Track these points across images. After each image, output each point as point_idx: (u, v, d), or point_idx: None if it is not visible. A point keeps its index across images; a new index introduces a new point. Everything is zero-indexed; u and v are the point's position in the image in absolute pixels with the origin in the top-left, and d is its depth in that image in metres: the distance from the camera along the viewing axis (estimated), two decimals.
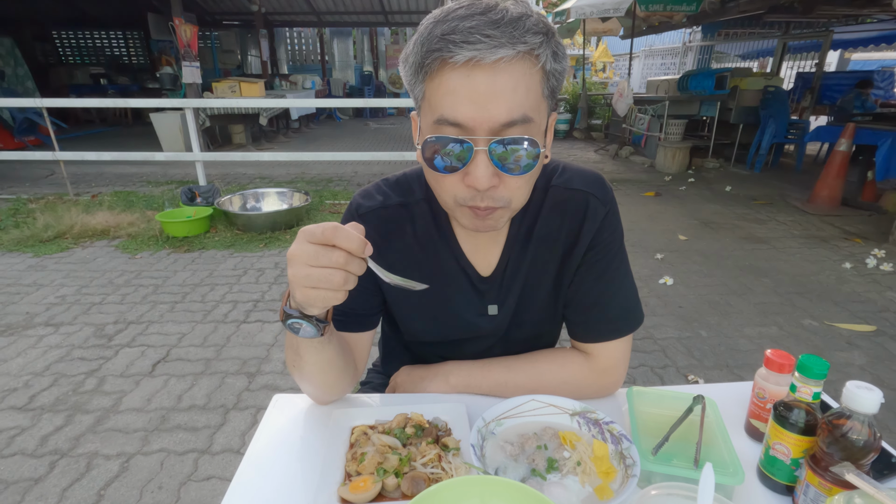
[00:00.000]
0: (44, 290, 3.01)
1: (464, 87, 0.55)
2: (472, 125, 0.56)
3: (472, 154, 0.57)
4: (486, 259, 0.78)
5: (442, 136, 0.57)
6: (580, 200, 0.76)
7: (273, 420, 0.77)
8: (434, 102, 0.57)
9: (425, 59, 0.56)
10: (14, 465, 1.68)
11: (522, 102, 0.56)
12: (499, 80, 0.54)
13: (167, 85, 9.59)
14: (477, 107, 0.55)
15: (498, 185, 0.60)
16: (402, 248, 0.77)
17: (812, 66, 9.07)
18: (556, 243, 0.77)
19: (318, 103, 8.72)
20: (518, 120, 0.56)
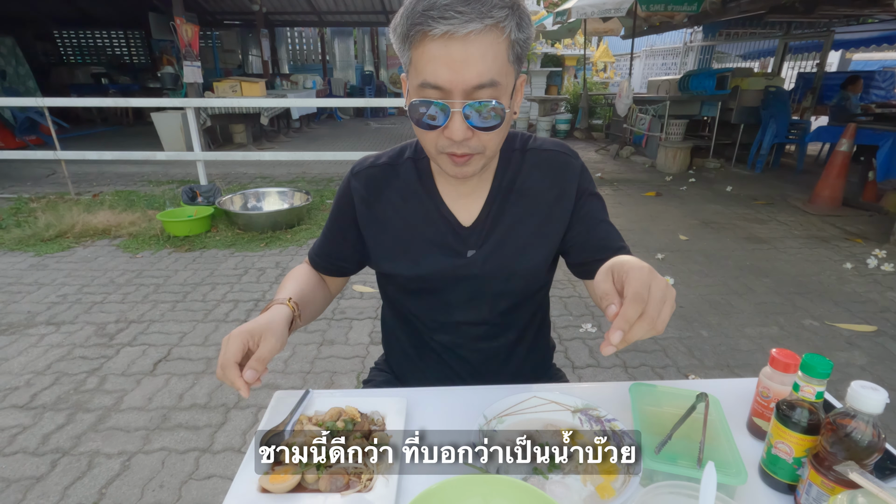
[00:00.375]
0: (45, 289, 3.01)
1: (442, 56, 0.65)
2: (449, 87, 0.66)
3: (450, 114, 0.68)
4: (468, 210, 0.88)
5: (425, 99, 0.69)
6: (555, 158, 0.89)
7: (274, 418, 0.77)
8: (419, 68, 0.68)
9: (409, 30, 0.66)
10: (16, 463, 1.68)
11: (490, 68, 0.66)
12: (470, 49, 0.64)
13: (168, 84, 9.59)
14: (453, 72, 0.65)
15: (471, 137, 0.71)
16: (387, 199, 0.89)
17: (813, 66, 9.06)
18: (541, 196, 0.88)
19: (318, 103, 8.73)
20: (487, 83, 0.66)
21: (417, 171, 0.88)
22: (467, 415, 0.77)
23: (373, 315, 2.74)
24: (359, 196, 0.89)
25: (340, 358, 2.35)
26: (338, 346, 2.45)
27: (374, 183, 0.89)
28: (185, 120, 5.51)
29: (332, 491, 0.63)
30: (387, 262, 0.91)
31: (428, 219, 0.88)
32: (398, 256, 0.89)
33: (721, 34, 10.29)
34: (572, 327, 2.64)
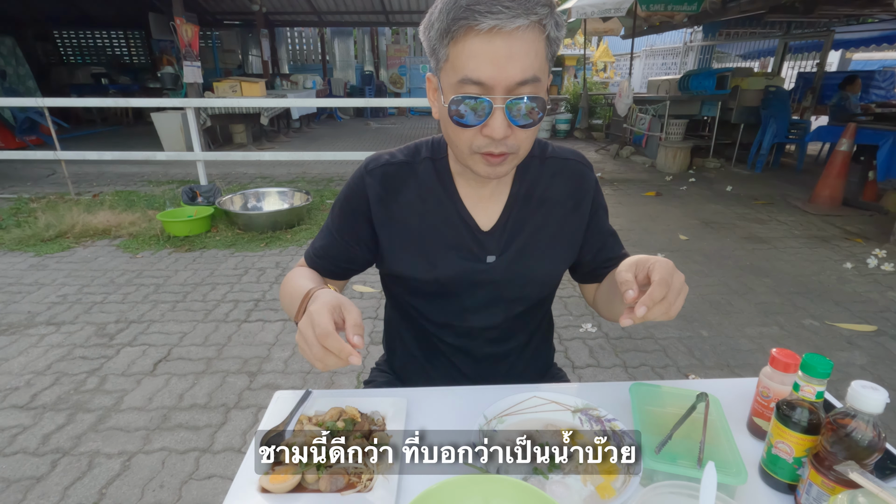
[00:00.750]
0: (45, 290, 3.01)
1: (485, 51, 0.64)
2: (491, 83, 0.65)
3: (491, 111, 0.67)
4: (487, 214, 0.87)
5: (467, 94, 0.67)
6: (574, 168, 0.90)
7: (274, 418, 0.77)
8: (458, 64, 0.66)
9: (451, 25, 0.64)
10: (16, 463, 1.68)
11: (533, 64, 0.66)
12: (515, 45, 0.64)
13: (168, 84, 9.59)
14: (496, 68, 0.64)
15: (510, 136, 0.70)
16: (405, 200, 0.86)
17: (813, 66, 9.06)
18: (560, 205, 0.88)
19: (318, 103, 8.73)
20: (530, 79, 0.66)
21: (436, 172, 0.86)
22: (467, 415, 0.77)
23: (373, 315, 2.74)
24: (374, 193, 0.85)
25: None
26: None
27: (390, 181, 0.86)
28: (185, 120, 5.51)
29: (332, 491, 0.63)
30: (401, 264, 0.88)
31: (447, 221, 0.86)
32: (415, 258, 0.87)
33: (721, 34, 10.29)
34: (572, 327, 2.64)
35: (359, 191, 0.87)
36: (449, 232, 0.86)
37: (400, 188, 0.86)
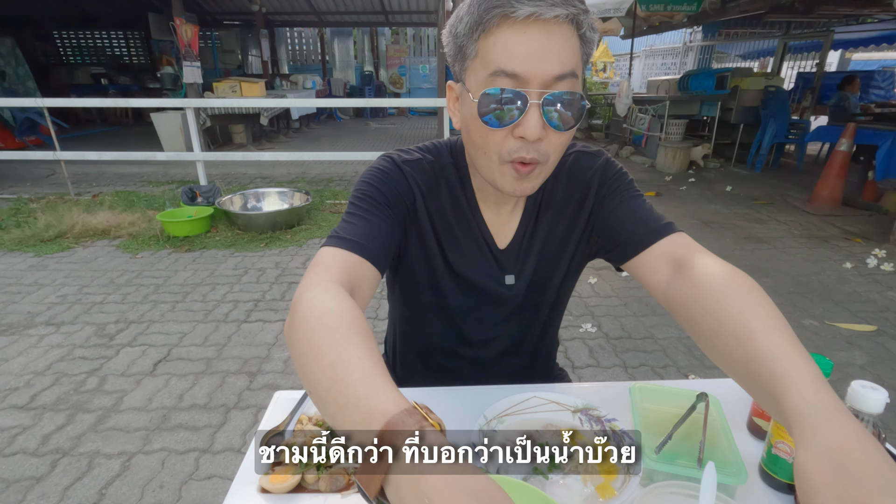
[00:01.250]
0: (45, 290, 3.01)
1: (521, 42, 0.59)
2: (527, 76, 0.60)
3: (527, 107, 0.61)
4: (504, 231, 0.82)
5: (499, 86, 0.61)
6: (575, 160, 0.82)
7: (274, 418, 0.77)
8: (490, 57, 0.61)
9: (485, 15, 0.60)
10: (16, 464, 1.68)
11: (571, 59, 0.61)
12: (552, 37, 0.59)
13: (168, 85, 9.60)
14: (532, 60, 0.59)
15: (543, 139, 0.64)
16: (439, 205, 0.79)
17: (813, 66, 9.07)
18: (566, 206, 0.82)
19: (318, 103, 8.73)
20: (568, 73, 0.61)
21: (460, 179, 0.80)
22: (467, 415, 0.77)
23: (372, 315, 2.74)
24: (416, 184, 0.77)
25: None
26: None
27: (426, 177, 0.78)
28: (185, 120, 5.50)
29: (332, 491, 0.63)
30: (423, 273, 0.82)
31: (468, 234, 0.81)
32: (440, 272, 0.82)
33: (721, 34, 10.30)
34: (572, 327, 2.64)
35: (398, 178, 0.76)
36: (472, 247, 0.81)
37: (435, 189, 0.79)
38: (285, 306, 2.84)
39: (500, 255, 0.82)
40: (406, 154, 0.79)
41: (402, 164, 0.77)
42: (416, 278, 0.84)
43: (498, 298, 0.85)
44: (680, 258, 0.68)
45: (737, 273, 0.63)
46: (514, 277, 0.84)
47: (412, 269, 0.83)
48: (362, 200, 0.73)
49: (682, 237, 0.72)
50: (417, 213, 0.78)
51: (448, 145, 0.82)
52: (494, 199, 0.79)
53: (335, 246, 0.66)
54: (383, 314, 2.73)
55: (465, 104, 0.67)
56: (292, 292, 3.00)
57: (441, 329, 0.90)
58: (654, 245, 0.72)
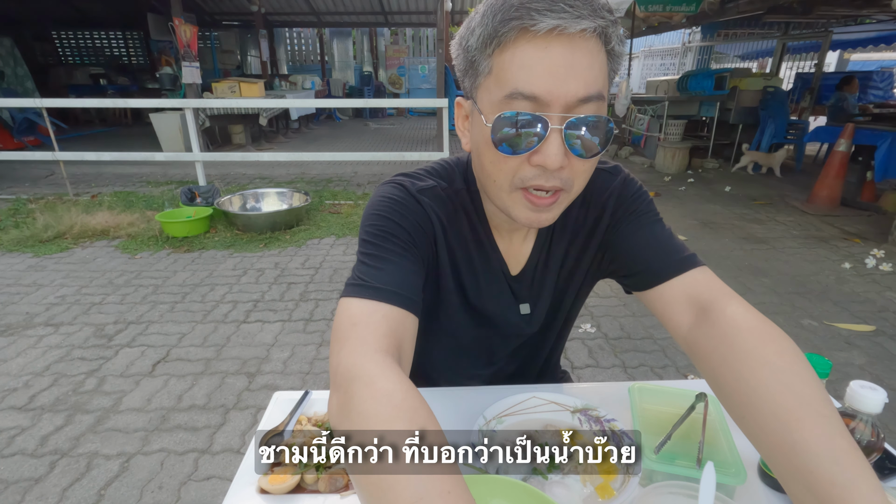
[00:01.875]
0: (44, 290, 3.01)
1: (541, 60, 0.52)
2: (548, 99, 0.53)
3: (547, 132, 0.54)
4: (517, 258, 0.77)
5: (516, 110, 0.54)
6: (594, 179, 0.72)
7: (273, 418, 0.77)
8: (506, 76, 0.54)
9: (500, 28, 0.52)
10: (14, 464, 1.68)
11: (598, 78, 0.54)
12: (577, 54, 0.52)
13: (167, 85, 9.59)
14: (555, 80, 0.52)
15: (566, 167, 0.57)
16: (458, 234, 0.73)
17: (811, 66, 9.08)
18: (580, 227, 0.76)
19: (317, 103, 8.73)
20: (594, 96, 0.54)
21: (474, 204, 0.73)
22: (467, 415, 0.77)
23: None
24: (436, 215, 0.70)
25: None
26: None
27: (444, 207, 0.71)
28: (184, 121, 5.50)
29: (331, 492, 0.63)
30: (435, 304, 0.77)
31: (485, 261, 0.75)
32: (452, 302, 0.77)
33: (719, 34, 10.32)
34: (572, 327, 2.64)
35: (417, 211, 0.68)
36: (489, 276, 0.76)
37: (454, 219, 0.72)
38: (284, 307, 2.83)
39: (513, 283, 0.78)
40: (418, 180, 0.71)
41: (417, 194, 0.69)
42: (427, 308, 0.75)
43: (512, 330, 0.82)
44: (705, 301, 0.61)
45: (773, 332, 0.54)
46: (528, 307, 0.80)
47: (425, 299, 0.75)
48: (384, 239, 0.64)
49: (704, 273, 0.65)
50: (438, 247, 0.71)
51: (458, 167, 0.75)
52: (507, 225, 0.73)
53: (370, 298, 0.57)
54: None
55: (476, 126, 0.60)
56: (292, 293, 3.01)
57: (448, 358, 0.87)
58: (674, 280, 0.65)
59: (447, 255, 0.73)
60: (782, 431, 0.47)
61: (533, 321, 0.81)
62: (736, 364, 0.53)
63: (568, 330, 0.92)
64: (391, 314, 0.57)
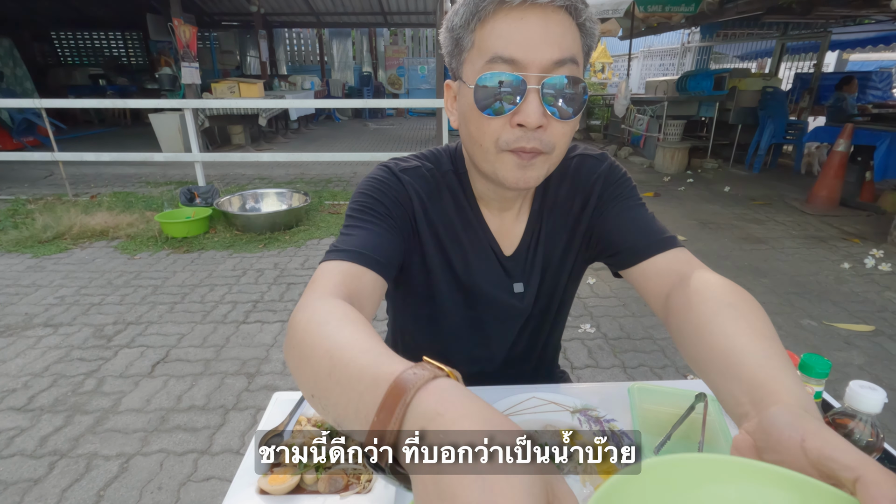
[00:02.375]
0: (43, 291, 3.01)
1: (518, 29, 0.58)
2: (525, 62, 0.58)
3: (526, 92, 0.59)
4: (510, 237, 0.80)
5: (496, 71, 0.59)
6: (579, 164, 0.80)
7: (273, 419, 0.77)
8: (486, 46, 0.60)
9: (480, 3, 0.59)
10: (13, 465, 1.68)
11: (571, 45, 0.60)
12: (550, 23, 0.58)
13: (166, 86, 9.58)
14: (530, 45, 0.58)
15: (546, 128, 0.61)
16: (442, 212, 0.76)
17: (810, 66, 9.09)
18: (569, 209, 0.80)
19: (317, 104, 8.73)
20: (567, 59, 0.59)
21: (461, 185, 0.77)
22: None
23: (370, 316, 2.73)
24: (415, 192, 0.74)
25: None
26: None
27: (426, 184, 0.76)
28: (183, 121, 5.50)
29: (331, 492, 0.63)
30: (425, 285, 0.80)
31: (477, 245, 0.78)
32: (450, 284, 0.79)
33: (718, 35, 10.32)
34: (571, 327, 2.64)
35: (397, 187, 0.73)
36: (479, 257, 0.79)
37: (436, 196, 0.76)
38: (284, 307, 2.83)
39: (507, 263, 0.80)
40: (403, 162, 0.77)
41: (399, 173, 0.74)
42: (417, 290, 0.81)
43: (506, 310, 0.83)
44: (683, 273, 0.65)
45: (740, 289, 0.59)
46: (522, 286, 0.82)
47: (413, 281, 0.79)
48: (360, 212, 0.70)
49: (684, 253, 0.70)
50: (418, 223, 0.75)
51: (447, 152, 0.80)
52: (497, 203, 0.77)
53: (332, 259, 0.63)
54: (382, 314, 2.73)
55: (462, 97, 0.65)
56: (291, 293, 3.01)
57: (443, 343, 0.88)
58: (657, 257, 0.69)
59: (430, 232, 0.76)
60: (724, 344, 0.49)
61: (526, 299, 0.82)
62: (696, 305, 0.56)
63: (563, 318, 0.93)
64: (347, 269, 0.61)
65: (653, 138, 7.10)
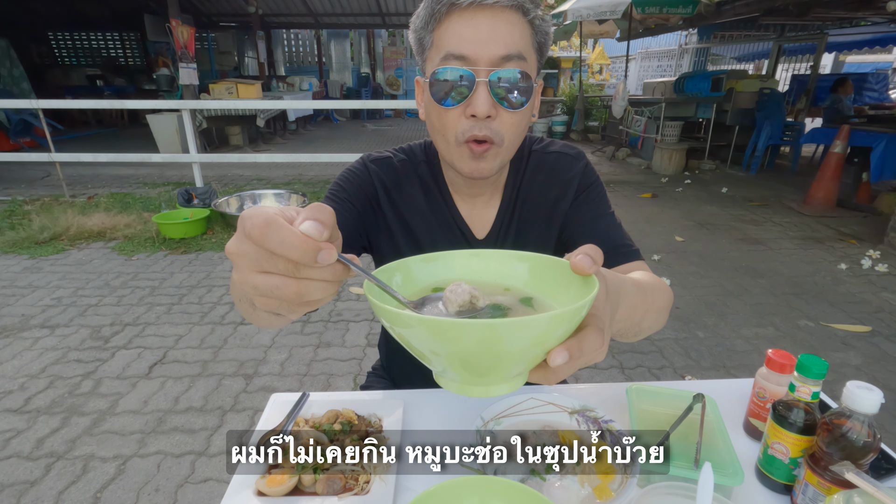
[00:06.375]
0: (39, 292, 2.99)
1: (468, 27, 0.64)
2: (474, 58, 0.64)
3: (475, 85, 0.65)
4: (481, 222, 0.85)
5: (448, 66, 0.65)
6: (557, 161, 0.86)
7: (271, 420, 0.77)
8: (441, 44, 0.66)
9: (436, 6, 0.65)
10: (9, 467, 1.67)
11: (518, 42, 0.65)
12: (497, 23, 0.64)
13: (164, 86, 9.55)
14: (479, 42, 0.64)
15: (495, 118, 0.67)
16: (409, 197, 0.84)
17: (807, 68, 9.12)
18: (541, 201, 0.85)
19: (315, 105, 8.72)
20: (514, 55, 0.65)
21: (433, 175, 0.85)
22: (465, 416, 0.77)
23: (369, 317, 2.73)
24: (380, 181, 0.83)
25: (337, 360, 2.34)
26: (334, 348, 2.44)
27: (394, 173, 0.84)
28: (181, 122, 5.49)
29: (329, 494, 0.63)
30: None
31: (444, 226, 0.84)
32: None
33: (716, 36, 10.35)
34: None
35: (363, 176, 0.83)
36: (445, 238, 0.84)
37: (403, 183, 0.84)
38: None
39: (479, 245, 0.84)
40: (378, 154, 0.86)
41: (369, 163, 0.84)
42: None
43: None
44: None
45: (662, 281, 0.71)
46: None
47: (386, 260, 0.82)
48: (328, 199, 0.81)
49: (643, 264, 0.78)
50: (382, 206, 0.83)
51: (422, 145, 0.88)
52: (467, 189, 0.82)
53: None
54: None
55: (424, 91, 0.71)
56: None
57: None
58: (619, 267, 0.77)
59: (394, 214, 0.83)
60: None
61: None
62: None
63: None
64: None
65: (650, 139, 7.12)
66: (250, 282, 0.35)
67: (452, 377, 0.40)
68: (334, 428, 0.72)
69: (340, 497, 0.62)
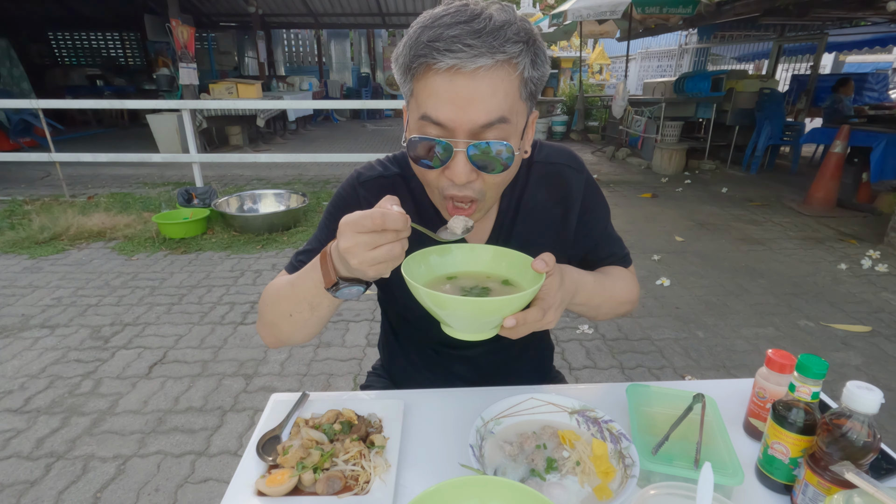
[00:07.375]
0: (39, 292, 2.99)
1: (446, 91, 0.59)
2: (452, 126, 0.61)
3: (452, 154, 0.62)
4: (478, 233, 0.83)
5: (425, 136, 0.63)
6: (560, 173, 0.84)
7: (271, 421, 0.77)
8: (420, 100, 0.63)
9: (412, 62, 0.61)
10: (9, 467, 1.67)
11: (500, 105, 0.61)
12: (478, 86, 0.59)
13: (164, 86, 9.55)
14: (457, 109, 0.60)
15: (475, 180, 0.66)
16: None
17: (807, 68, 9.12)
18: (546, 214, 0.84)
19: (315, 105, 8.71)
20: (495, 121, 0.61)
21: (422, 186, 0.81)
22: (465, 417, 0.77)
23: (369, 317, 2.74)
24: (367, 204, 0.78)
25: (337, 360, 2.34)
26: (334, 348, 2.44)
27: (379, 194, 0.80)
28: (181, 122, 5.49)
29: (328, 494, 0.63)
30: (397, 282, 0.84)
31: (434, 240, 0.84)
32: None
33: (716, 36, 10.35)
34: (569, 329, 2.64)
35: (351, 201, 0.82)
36: None
37: None
38: None
39: None
40: (369, 171, 0.84)
41: (358, 187, 0.82)
42: (390, 289, 0.87)
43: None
44: None
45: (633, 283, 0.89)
46: None
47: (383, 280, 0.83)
48: (320, 226, 0.83)
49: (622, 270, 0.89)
50: None
51: None
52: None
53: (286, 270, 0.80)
54: (377, 316, 2.73)
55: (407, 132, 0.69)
56: None
57: (421, 333, 0.92)
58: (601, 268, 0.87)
59: None
60: None
61: None
62: None
63: None
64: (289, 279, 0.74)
65: (650, 139, 7.12)
66: (369, 258, 0.55)
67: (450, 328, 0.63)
68: (334, 428, 0.72)
69: (340, 497, 0.62)
